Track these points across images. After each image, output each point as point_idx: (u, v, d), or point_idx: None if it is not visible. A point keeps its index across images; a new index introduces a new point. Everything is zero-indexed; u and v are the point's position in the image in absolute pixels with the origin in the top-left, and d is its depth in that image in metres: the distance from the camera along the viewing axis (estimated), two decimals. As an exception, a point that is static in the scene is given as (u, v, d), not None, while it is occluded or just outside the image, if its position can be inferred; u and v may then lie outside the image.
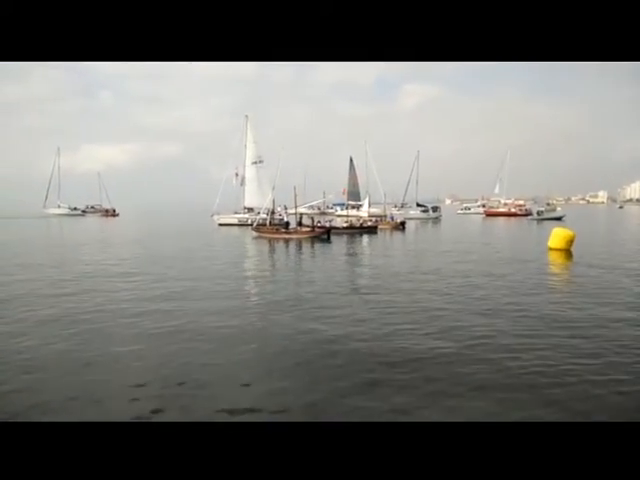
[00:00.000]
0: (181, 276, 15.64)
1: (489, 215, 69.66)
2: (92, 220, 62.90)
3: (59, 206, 78.47)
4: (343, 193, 66.62)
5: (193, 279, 15.05)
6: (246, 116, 50.64)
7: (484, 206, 79.55)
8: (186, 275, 15.88)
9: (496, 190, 79.42)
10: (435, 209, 65.09)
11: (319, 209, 67.12)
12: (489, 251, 23.97)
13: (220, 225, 45.06)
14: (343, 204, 66.29)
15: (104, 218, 68.27)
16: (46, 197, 78.62)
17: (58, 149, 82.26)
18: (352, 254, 24.18)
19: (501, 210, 72.00)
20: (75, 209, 79.18)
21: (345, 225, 39.23)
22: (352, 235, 34.86)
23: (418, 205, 65.59)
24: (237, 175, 49.48)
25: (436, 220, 60.34)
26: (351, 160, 66.60)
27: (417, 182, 67.15)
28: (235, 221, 46.58)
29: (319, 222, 36.19)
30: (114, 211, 74.79)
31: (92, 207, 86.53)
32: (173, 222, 55.36)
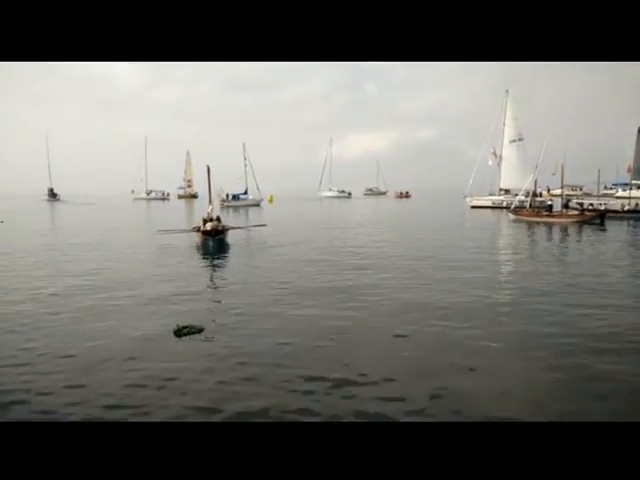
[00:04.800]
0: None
1: None
2: (389, 202, 68.61)
3: (330, 189, 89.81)
4: (628, 171, 55.80)
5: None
6: (506, 91, 47.58)
7: None
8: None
9: None
10: None
11: (580, 189, 57.97)
12: None
13: (472, 207, 43.97)
14: (626, 184, 55.62)
15: (399, 199, 75.34)
16: (320, 182, 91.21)
17: (331, 139, 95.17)
18: (634, 244, 20.38)
19: None
20: (342, 192, 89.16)
21: (627, 208, 32.95)
22: (636, 220, 29.14)
23: None
24: (495, 155, 47.17)
25: None
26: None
27: None
28: (489, 203, 44.67)
29: (591, 205, 31.54)
30: (407, 193, 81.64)
31: (370, 190, 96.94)
32: (441, 204, 56.16)
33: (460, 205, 45.08)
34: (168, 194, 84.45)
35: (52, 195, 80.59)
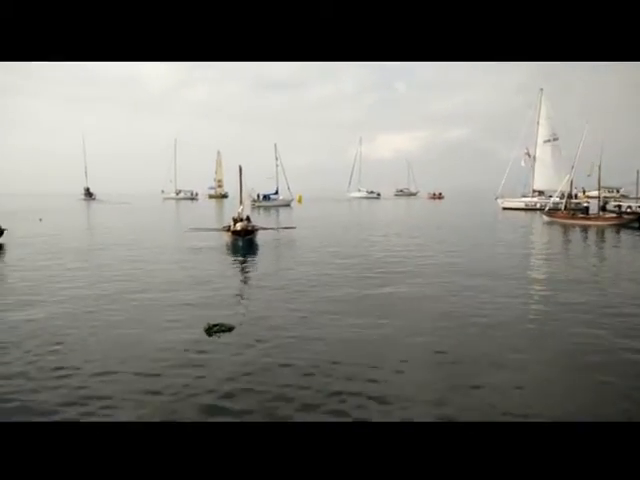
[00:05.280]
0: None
1: None
2: (420, 203, 68.08)
3: (359, 190, 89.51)
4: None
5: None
6: (541, 89, 46.44)
7: None
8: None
9: None
10: None
11: (618, 191, 55.73)
12: None
13: (504, 209, 43.06)
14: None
15: (431, 200, 74.52)
16: (349, 182, 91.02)
17: (360, 139, 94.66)
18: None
19: None
20: (371, 192, 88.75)
21: (668, 211, 31.59)
22: (678, 224, 27.93)
23: None
24: (528, 155, 46.07)
25: None
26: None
27: None
28: (521, 205, 43.70)
29: (629, 207, 30.42)
30: (440, 194, 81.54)
31: (401, 191, 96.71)
32: (473, 206, 55.28)
33: (492, 206, 44.17)
34: (197, 194, 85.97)
35: (88, 194, 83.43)
